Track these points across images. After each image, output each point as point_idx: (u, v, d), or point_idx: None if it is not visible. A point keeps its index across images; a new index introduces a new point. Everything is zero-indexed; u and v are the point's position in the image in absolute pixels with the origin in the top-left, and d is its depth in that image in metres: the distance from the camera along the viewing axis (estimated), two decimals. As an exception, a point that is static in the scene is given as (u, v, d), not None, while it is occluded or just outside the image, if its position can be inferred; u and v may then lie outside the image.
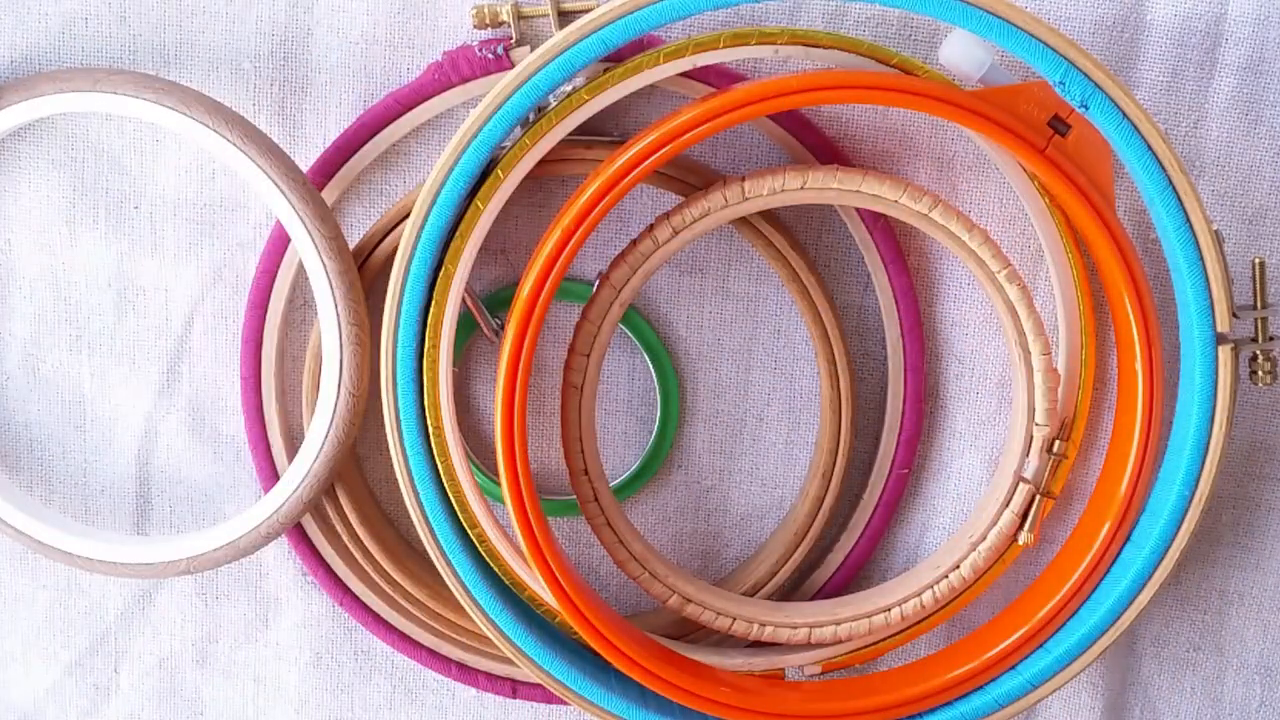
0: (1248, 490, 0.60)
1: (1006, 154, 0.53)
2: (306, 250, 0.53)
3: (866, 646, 0.58)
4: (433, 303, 0.53)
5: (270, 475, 0.58)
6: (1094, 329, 0.56)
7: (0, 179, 0.58)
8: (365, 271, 0.56)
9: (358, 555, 0.59)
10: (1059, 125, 0.52)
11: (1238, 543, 0.61)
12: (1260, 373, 0.55)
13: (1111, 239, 0.52)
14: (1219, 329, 0.53)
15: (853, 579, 0.60)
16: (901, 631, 0.58)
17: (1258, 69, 0.56)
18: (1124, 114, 0.51)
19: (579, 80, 0.53)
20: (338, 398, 0.54)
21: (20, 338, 0.59)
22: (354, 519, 0.58)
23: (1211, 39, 0.56)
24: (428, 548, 0.54)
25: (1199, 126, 0.57)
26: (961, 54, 0.52)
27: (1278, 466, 0.60)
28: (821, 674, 0.58)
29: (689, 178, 0.55)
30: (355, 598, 0.59)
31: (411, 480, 0.54)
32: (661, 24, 0.51)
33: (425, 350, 0.53)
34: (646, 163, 0.51)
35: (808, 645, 0.57)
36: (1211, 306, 0.52)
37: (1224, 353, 0.53)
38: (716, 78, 0.54)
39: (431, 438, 0.54)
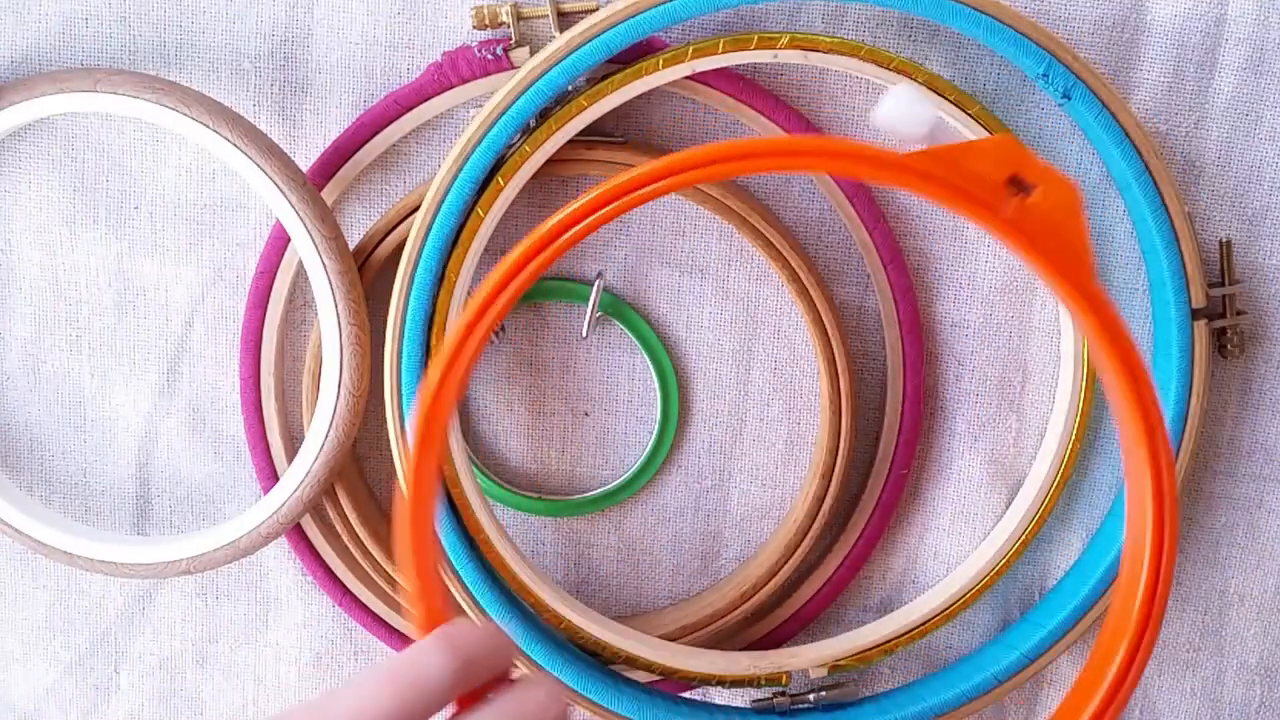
0: (1248, 490, 0.60)
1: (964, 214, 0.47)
2: (306, 250, 0.53)
3: (874, 647, 0.58)
4: (436, 312, 0.53)
5: (270, 475, 0.58)
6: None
7: (0, 179, 0.58)
8: (365, 271, 0.56)
9: (358, 555, 0.59)
10: (1020, 185, 0.44)
11: (1237, 543, 0.61)
12: (1229, 346, 0.57)
13: (1089, 306, 0.45)
14: (1194, 304, 0.55)
15: (852, 579, 0.60)
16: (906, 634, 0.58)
17: (1258, 69, 0.56)
18: (1103, 103, 0.53)
19: (581, 81, 0.53)
20: (338, 398, 0.54)
21: (20, 338, 0.59)
22: (354, 519, 0.58)
23: (1212, 39, 0.56)
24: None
25: (1199, 127, 0.57)
26: (900, 113, 0.46)
27: (1278, 467, 0.60)
28: (828, 675, 0.58)
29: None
30: (355, 598, 0.59)
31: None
32: (663, 27, 0.51)
33: (429, 360, 0.53)
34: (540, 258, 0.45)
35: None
36: (1187, 284, 0.55)
37: (1200, 327, 0.55)
38: (718, 79, 0.54)
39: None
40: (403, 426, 0.53)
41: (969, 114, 0.54)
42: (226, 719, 0.63)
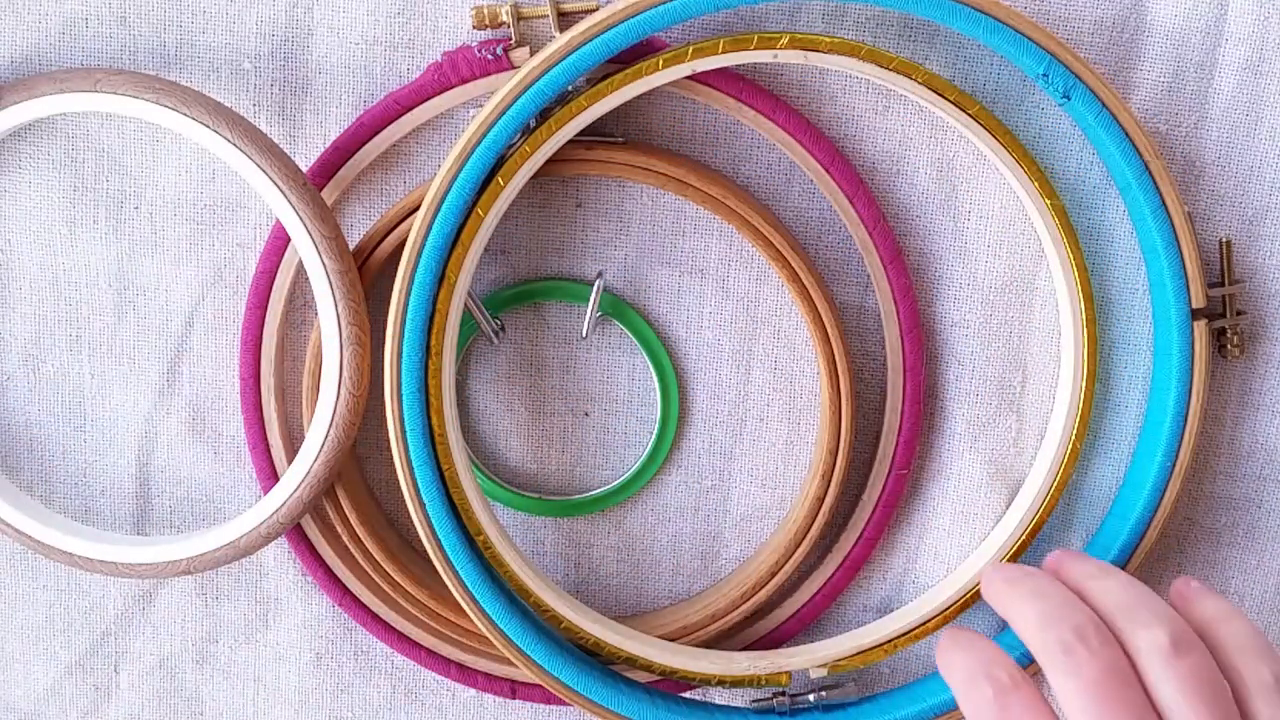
0: (1248, 491, 0.60)
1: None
2: (306, 250, 0.53)
3: (874, 647, 0.58)
4: (435, 313, 0.53)
5: (270, 475, 0.58)
6: (1094, 329, 0.56)
7: (0, 179, 0.58)
8: (365, 271, 0.56)
9: (358, 556, 0.59)
10: None
11: (1237, 543, 0.61)
12: (1229, 346, 0.57)
13: None
14: (1194, 305, 0.55)
15: (852, 579, 0.60)
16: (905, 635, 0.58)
17: (1258, 69, 0.56)
18: (1103, 103, 0.53)
19: (581, 81, 0.53)
20: (338, 398, 0.54)
21: (20, 338, 0.59)
22: (354, 519, 0.58)
23: (1212, 39, 0.56)
24: (434, 559, 0.54)
25: (1199, 127, 0.57)
26: None
27: (1277, 467, 0.60)
28: (828, 675, 0.58)
29: (689, 178, 0.55)
30: (355, 598, 0.59)
31: (417, 490, 0.54)
32: (663, 27, 0.51)
33: (429, 360, 0.53)
34: None
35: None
36: (1187, 284, 0.55)
37: (1200, 327, 0.55)
38: (718, 79, 0.54)
39: (436, 445, 0.54)
40: (403, 426, 0.53)
41: (969, 114, 0.54)
42: (226, 719, 0.63)
